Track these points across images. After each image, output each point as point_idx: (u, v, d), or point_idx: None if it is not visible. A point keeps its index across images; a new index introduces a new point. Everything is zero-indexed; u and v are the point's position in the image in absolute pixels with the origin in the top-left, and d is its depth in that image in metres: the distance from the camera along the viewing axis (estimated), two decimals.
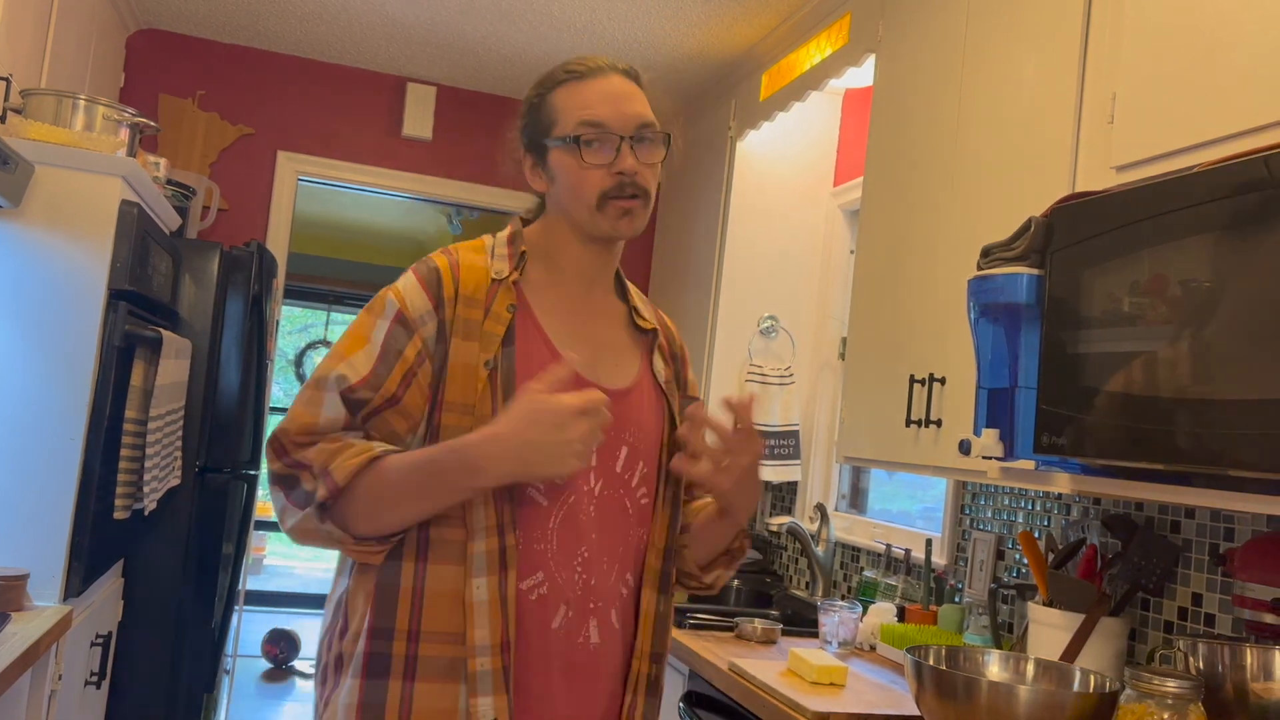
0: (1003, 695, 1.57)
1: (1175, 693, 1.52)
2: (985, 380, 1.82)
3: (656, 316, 1.57)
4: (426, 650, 1.29)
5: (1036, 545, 2.15)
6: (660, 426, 1.48)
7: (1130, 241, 1.51)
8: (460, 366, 1.34)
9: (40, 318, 2.37)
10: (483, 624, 1.29)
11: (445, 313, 1.35)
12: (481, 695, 1.27)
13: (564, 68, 1.45)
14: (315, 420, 1.31)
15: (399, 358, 1.33)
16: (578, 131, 1.39)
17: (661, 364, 1.52)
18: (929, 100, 2.40)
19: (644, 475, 1.44)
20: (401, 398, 1.33)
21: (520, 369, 1.35)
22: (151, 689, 3.15)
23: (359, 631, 1.32)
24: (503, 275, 1.40)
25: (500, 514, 1.31)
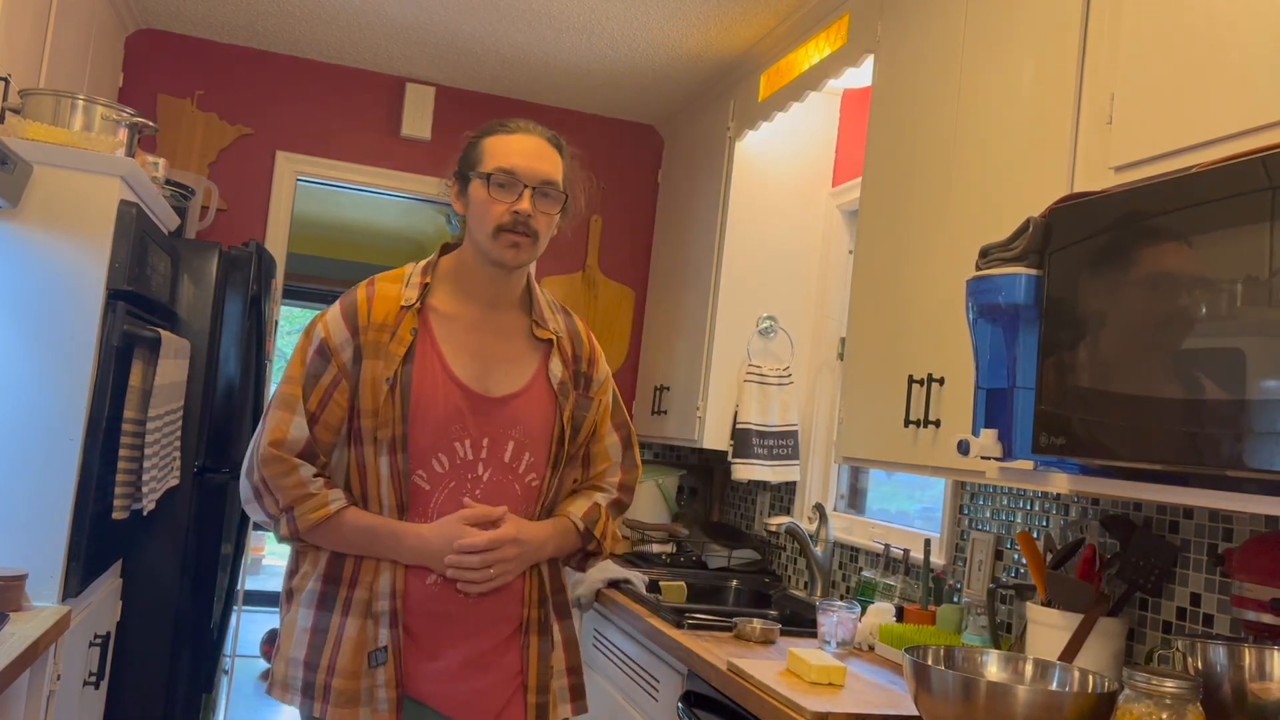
0: (1001, 695, 1.57)
1: (1173, 693, 1.52)
2: (984, 380, 1.82)
3: (566, 325, 1.91)
4: (358, 594, 1.72)
5: (1035, 545, 2.15)
6: (550, 420, 1.82)
7: (1129, 242, 1.51)
8: (369, 381, 1.71)
9: (39, 318, 2.37)
10: (384, 576, 1.72)
11: (360, 338, 1.73)
12: (381, 628, 1.70)
13: (500, 122, 1.85)
14: (284, 436, 1.71)
15: (316, 382, 1.73)
16: (496, 177, 1.76)
17: (559, 367, 1.85)
18: (928, 101, 2.40)
19: (531, 462, 1.80)
20: (320, 415, 1.72)
21: (416, 382, 1.72)
22: (150, 689, 3.15)
23: (307, 574, 1.76)
24: (410, 302, 1.76)
25: (399, 495, 1.73)
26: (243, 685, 5.56)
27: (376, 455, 1.72)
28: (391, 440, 1.70)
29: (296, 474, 1.71)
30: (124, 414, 2.56)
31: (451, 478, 1.74)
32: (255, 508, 1.75)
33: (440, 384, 1.74)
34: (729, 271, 3.60)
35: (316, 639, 1.72)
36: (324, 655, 1.71)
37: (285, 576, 1.82)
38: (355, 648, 1.70)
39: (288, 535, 1.73)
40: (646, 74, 3.95)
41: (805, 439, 3.58)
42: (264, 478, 1.71)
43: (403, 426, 1.70)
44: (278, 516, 1.72)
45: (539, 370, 1.84)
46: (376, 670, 1.69)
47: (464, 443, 1.74)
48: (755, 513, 3.85)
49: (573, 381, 1.86)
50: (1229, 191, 1.35)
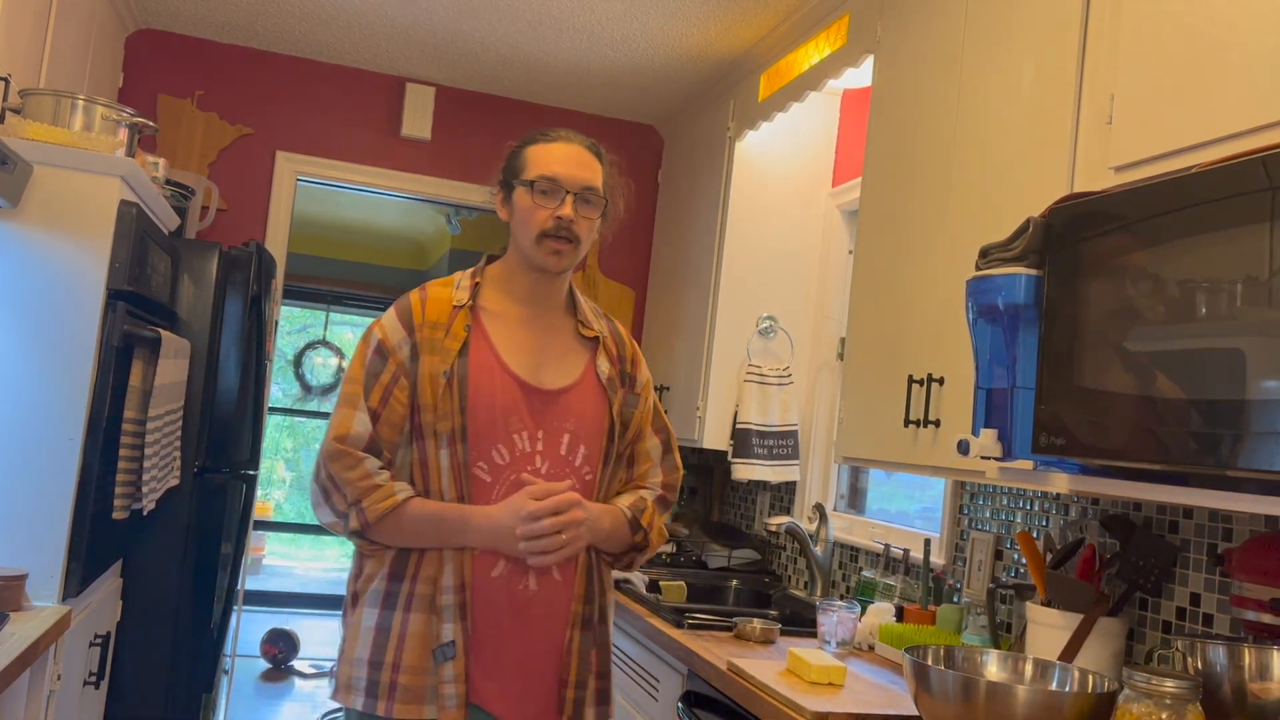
0: (1000, 695, 1.57)
1: (1173, 693, 1.52)
2: (983, 380, 1.82)
3: (608, 327, 1.96)
4: (420, 590, 1.73)
5: (1035, 545, 2.15)
6: (602, 415, 1.86)
7: (1128, 242, 1.51)
8: (426, 376, 1.76)
9: (39, 318, 2.37)
10: (449, 570, 1.73)
11: (415, 336, 1.78)
12: (446, 622, 1.72)
13: (542, 131, 1.90)
14: (348, 430, 1.74)
15: (376, 380, 1.77)
16: (539, 184, 1.82)
17: (606, 364, 1.90)
18: (927, 101, 2.40)
19: (586, 456, 1.84)
20: (382, 413, 1.76)
21: (472, 375, 1.77)
22: (150, 689, 3.15)
23: (371, 575, 1.77)
24: (462, 302, 1.83)
25: (459, 487, 1.76)
26: (243, 685, 5.56)
27: (438, 449, 1.75)
28: (451, 432, 1.74)
29: (362, 466, 1.73)
30: (124, 414, 2.56)
31: (511, 470, 1.77)
32: (325, 509, 1.76)
33: (496, 376, 1.78)
34: (729, 271, 3.60)
35: (380, 637, 1.73)
36: (388, 653, 1.71)
37: (349, 581, 1.83)
38: (420, 644, 1.71)
39: (358, 528, 1.73)
40: (646, 74, 3.95)
41: (805, 439, 3.58)
42: (331, 474, 1.73)
43: (461, 418, 1.74)
44: (346, 512, 1.73)
45: (588, 366, 1.88)
46: (444, 666, 1.70)
47: (522, 435, 1.78)
48: (755, 513, 3.85)
49: (619, 379, 1.91)
50: (1229, 191, 1.35)
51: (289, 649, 6.03)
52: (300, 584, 7.97)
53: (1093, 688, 1.70)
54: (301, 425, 8.60)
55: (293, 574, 8.22)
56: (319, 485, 1.76)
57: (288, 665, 6.04)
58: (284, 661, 6.02)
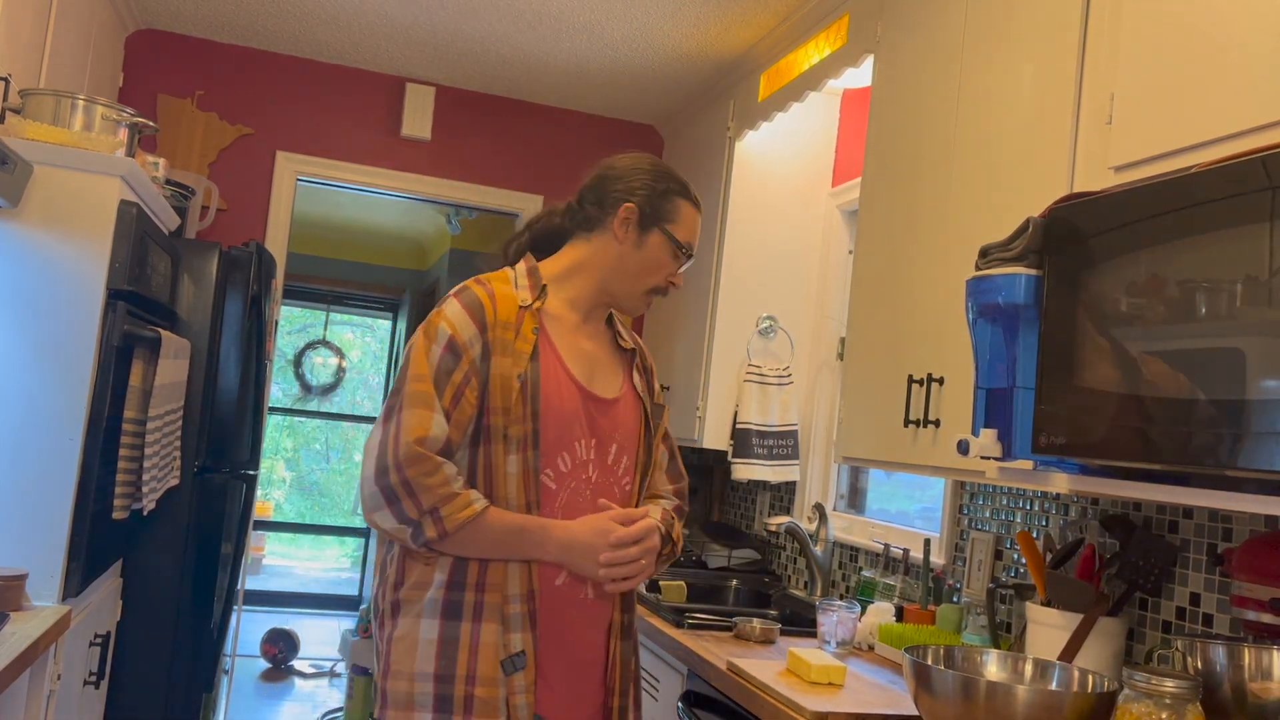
0: (1001, 695, 1.58)
1: (1173, 693, 1.52)
2: (983, 380, 1.82)
3: (633, 338, 1.94)
4: (489, 599, 1.66)
5: (1035, 545, 2.15)
6: (639, 427, 1.86)
7: (1128, 242, 1.51)
8: (499, 378, 1.69)
9: (39, 318, 2.37)
10: (514, 578, 1.67)
11: (488, 335, 1.70)
12: (514, 632, 1.66)
13: (691, 191, 1.90)
14: (427, 433, 1.63)
15: (448, 378, 1.67)
16: (686, 245, 1.84)
17: (638, 377, 1.90)
18: (927, 101, 2.40)
19: (627, 466, 1.82)
20: (452, 413, 1.66)
21: (543, 380, 1.72)
22: (150, 689, 3.15)
23: (419, 584, 1.68)
24: (528, 303, 1.75)
25: (528, 494, 1.69)
26: (243, 685, 5.56)
27: (506, 454, 1.68)
28: (523, 437, 1.68)
29: (441, 472, 1.63)
30: (124, 414, 2.56)
31: (572, 477, 1.74)
32: (387, 514, 1.63)
33: (562, 383, 1.74)
34: (729, 271, 3.60)
35: (447, 649, 1.64)
36: (459, 665, 1.63)
37: (387, 588, 1.71)
38: (492, 654, 1.64)
39: (435, 537, 1.63)
40: (646, 74, 3.95)
41: (805, 439, 3.58)
42: (407, 479, 1.61)
43: (534, 424, 1.69)
44: (418, 520, 1.62)
45: (626, 377, 1.88)
46: (514, 677, 1.64)
47: (580, 443, 1.75)
48: (755, 512, 3.85)
49: (647, 392, 1.91)
50: (1229, 191, 1.35)
51: (289, 649, 6.03)
52: (300, 584, 7.97)
53: (1092, 688, 1.70)
54: (301, 425, 8.60)
55: (293, 574, 8.22)
56: (386, 488, 1.62)
57: (288, 665, 6.04)
58: (284, 661, 6.02)
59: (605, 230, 1.81)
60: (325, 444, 8.67)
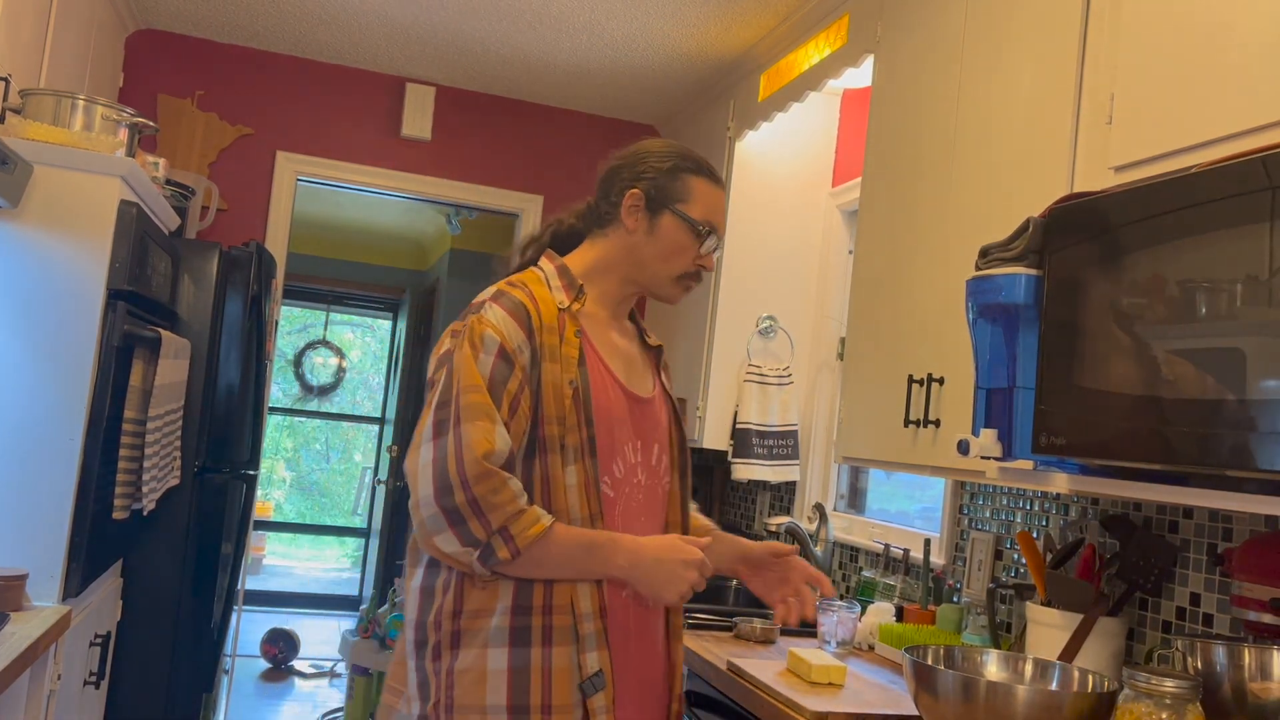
0: (1001, 695, 1.58)
1: (1173, 693, 1.52)
2: (983, 380, 1.82)
3: None
4: (558, 621, 1.56)
5: (1035, 545, 2.15)
6: (671, 424, 1.80)
7: (1128, 242, 1.51)
8: (551, 385, 1.59)
9: (39, 318, 2.37)
10: (584, 595, 1.57)
11: (535, 340, 1.60)
12: (589, 651, 1.56)
13: (706, 166, 1.76)
14: (492, 448, 1.51)
15: (503, 388, 1.56)
16: (704, 223, 1.71)
17: (665, 374, 1.85)
18: (927, 101, 2.40)
19: (666, 466, 1.76)
20: (510, 425, 1.56)
21: (593, 385, 1.64)
22: (150, 689, 3.15)
23: (477, 613, 1.56)
24: (565, 305, 1.67)
25: (590, 505, 1.60)
26: (243, 685, 5.56)
27: (563, 464, 1.59)
28: (579, 446, 1.59)
29: (508, 488, 1.51)
30: (124, 414, 2.56)
31: (626, 483, 1.67)
32: (451, 537, 1.50)
33: (610, 386, 1.67)
34: (729, 271, 3.60)
35: (519, 679, 1.53)
36: (533, 695, 1.53)
37: (442, 617, 1.57)
38: (567, 679, 1.55)
39: (507, 558, 1.50)
40: (646, 74, 3.95)
41: (805, 439, 3.58)
42: (475, 497, 1.49)
43: (589, 430, 1.61)
44: (486, 540, 1.50)
45: (655, 375, 1.82)
46: (594, 698, 1.55)
47: (630, 445, 1.69)
48: (755, 512, 3.85)
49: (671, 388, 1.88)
50: (1229, 191, 1.35)
51: (289, 649, 6.03)
52: (300, 584, 7.98)
53: (1092, 687, 1.70)
54: (301, 425, 8.60)
55: (293, 574, 8.22)
56: (450, 509, 1.49)
57: (288, 665, 6.04)
58: (284, 661, 6.02)
59: (618, 223, 1.73)
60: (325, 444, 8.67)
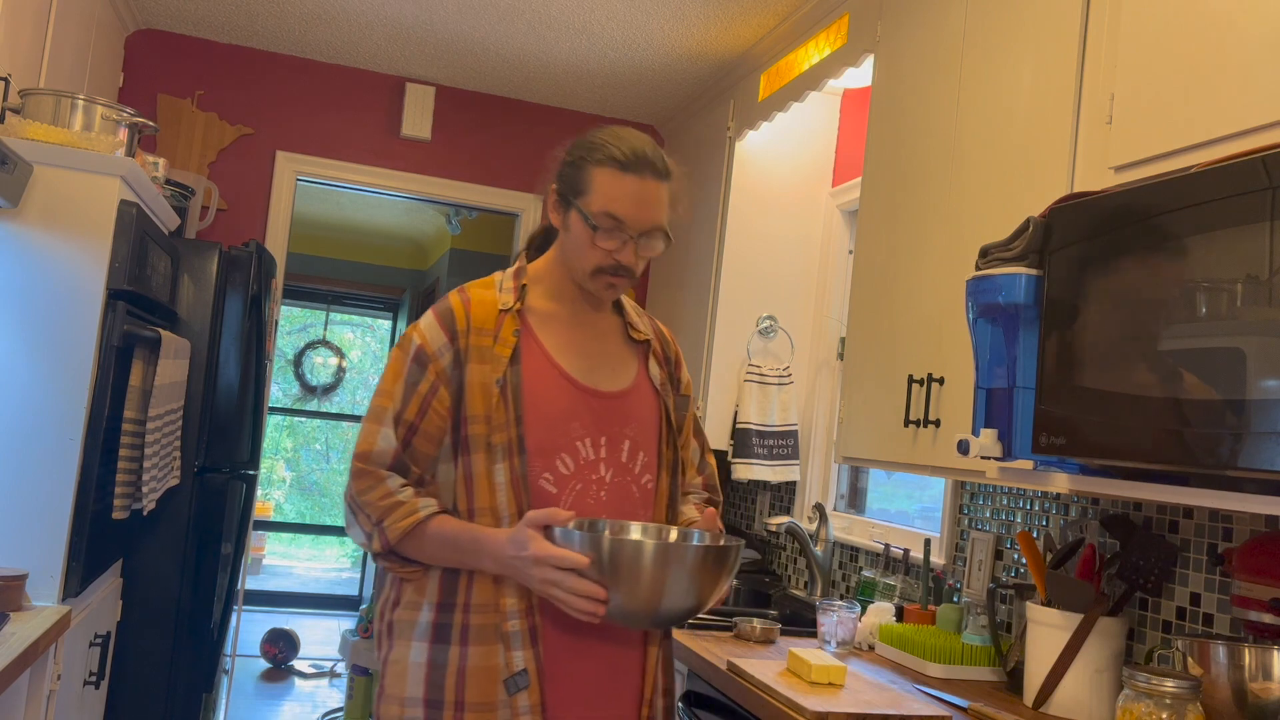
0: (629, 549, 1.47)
1: (1174, 693, 1.52)
2: (984, 380, 1.82)
3: (652, 327, 1.83)
4: (476, 620, 1.59)
5: (1035, 545, 2.15)
6: (658, 420, 1.75)
7: (1128, 242, 1.51)
8: (476, 385, 1.63)
9: (39, 318, 2.37)
10: (510, 594, 1.59)
11: (460, 343, 1.64)
12: (515, 650, 1.57)
13: (614, 148, 1.64)
14: (371, 448, 1.62)
15: (414, 391, 1.63)
16: (599, 221, 1.62)
17: (656, 368, 1.79)
18: (927, 101, 2.40)
19: (645, 463, 1.72)
20: (419, 425, 1.63)
21: (527, 382, 1.64)
22: (150, 689, 3.15)
23: (413, 604, 1.63)
24: (509, 305, 1.68)
25: (519, 502, 1.60)
26: (243, 685, 5.56)
27: (491, 463, 1.61)
28: (507, 444, 1.61)
29: (384, 485, 1.61)
30: (124, 414, 2.56)
31: (577, 479, 1.65)
32: (356, 530, 1.64)
33: (553, 381, 1.66)
34: (729, 271, 3.60)
35: (435, 674, 1.59)
36: (448, 690, 1.58)
37: (384, 608, 1.68)
38: (484, 676, 1.57)
39: (380, 550, 1.61)
40: (646, 74, 3.95)
41: (805, 439, 3.58)
42: (354, 493, 1.63)
43: (517, 429, 1.61)
44: (371, 533, 1.61)
45: (640, 370, 1.77)
46: (517, 697, 1.56)
47: (585, 441, 1.66)
48: (755, 512, 3.85)
49: (669, 383, 1.81)
50: (1229, 191, 1.35)
51: (289, 649, 6.03)
52: (300, 584, 7.97)
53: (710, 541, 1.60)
54: (301, 425, 8.60)
55: (293, 574, 8.22)
56: (346, 506, 1.65)
57: (288, 665, 6.04)
58: (284, 661, 6.02)
59: (551, 218, 1.73)
60: (325, 444, 8.67)
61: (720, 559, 1.49)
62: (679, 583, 1.46)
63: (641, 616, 1.49)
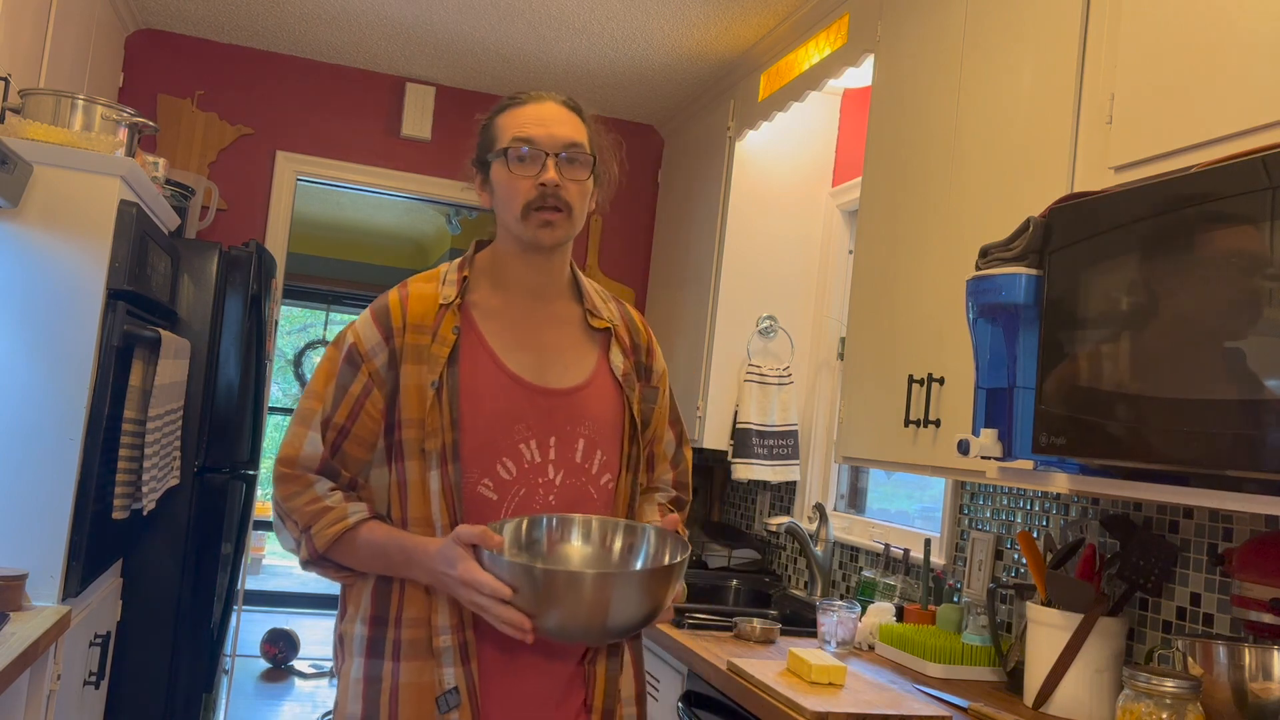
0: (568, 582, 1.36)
1: (1174, 693, 1.52)
2: (984, 380, 1.82)
3: (619, 311, 1.72)
4: (408, 635, 1.51)
5: (1035, 545, 2.15)
6: (619, 416, 1.63)
7: (1128, 242, 1.51)
8: (411, 388, 1.53)
9: (39, 318, 2.37)
10: (442, 608, 1.50)
11: (395, 342, 1.55)
12: (446, 667, 1.49)
13: (510, 96, 1.64)
14: (296, 453, 1.55)
15: (345, 392, 1.55)
16: (509, 145, 1.56)
17: (619, 358, 1.67)
18: (927, 100, 2.40)
19: (604, 462, 1.60)
20: (350, 429, 1.54)
21: (465, 383, 1.54)
22: (150, 689, 3.15)
23: (353, 617, 1.56)
24: (449, 300, 1.58)
25: (452, 512, 1.51)
26: (243, 685, 5.56)
27: (425, 470, 1.51)
28: (441, 450, 1.50)
29: (310, 490, 1.53)
30: (124, 414, 2.56)
31: (520, 484, 1.54)
32: (285, 537, 1.58)
33: (493, 381, 1.55)
34: (729, 271, 3.60)
35: (370, 691, 1.52)
36: (381, 709, 1.50)
37: (337, 620, 1.63)
38: (417, 694, 1.49)
39: (308, 558, 1.54)
40: (646, 74, 3.95)
41: (805, 439, 3.58)
42: (279, 500, 1.55)
43: (453, 434, 1.51)
44: (299, 539, 1.54)
45: (600, 362, 1.65)
46: (449, 715, 1.48)
47: (529, 444, 1.55)
48: (755, 512, 3.85)
49: (636, 373, 1.68)
50: (1229, 191, 1.35)
51: (289, 649, 6.03)
52: (300, 584, 7.97)
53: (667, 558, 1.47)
54: None
55: (292, 574, 8.22)
56: (274, 512, 1.57)
57: (288, 665, 6.04)
58: (284, 661, 6.02)
59: (482, 203, 1.67)
60: None
61: (662, 579, 1.37)
62: (621, 605, 1.35)
63: (582, 636, 1.41)
